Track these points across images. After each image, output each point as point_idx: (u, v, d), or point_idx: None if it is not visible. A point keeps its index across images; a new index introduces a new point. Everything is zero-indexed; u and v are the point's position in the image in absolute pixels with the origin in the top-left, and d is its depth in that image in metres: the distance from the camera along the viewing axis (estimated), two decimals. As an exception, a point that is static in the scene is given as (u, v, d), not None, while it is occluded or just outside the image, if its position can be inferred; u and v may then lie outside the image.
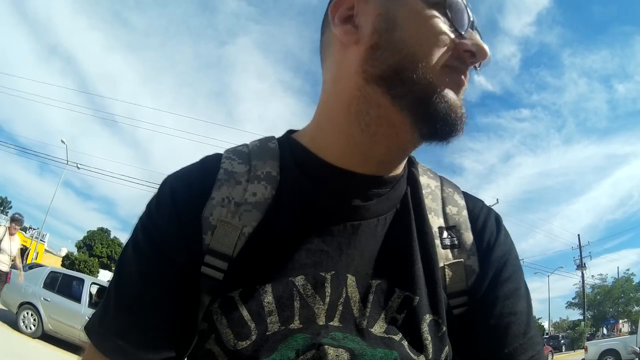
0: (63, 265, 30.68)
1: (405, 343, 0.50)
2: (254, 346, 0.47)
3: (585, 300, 33.61)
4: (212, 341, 0.49)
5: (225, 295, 0.49)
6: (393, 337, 0.50)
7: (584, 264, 34.28)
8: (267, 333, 0.47)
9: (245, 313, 0.48)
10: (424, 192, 0.60)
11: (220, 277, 0.50)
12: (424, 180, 0.62)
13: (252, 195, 0.53)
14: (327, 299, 0.50)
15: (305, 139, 0.59)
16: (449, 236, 0.58)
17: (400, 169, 0.59)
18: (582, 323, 32.27)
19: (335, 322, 0.49)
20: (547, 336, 31.86)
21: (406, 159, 0.60)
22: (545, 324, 41.19)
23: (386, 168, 0.57)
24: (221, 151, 0.60)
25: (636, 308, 34.08)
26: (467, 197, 0.63)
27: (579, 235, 35.66)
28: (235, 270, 0.50)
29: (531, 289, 0.60)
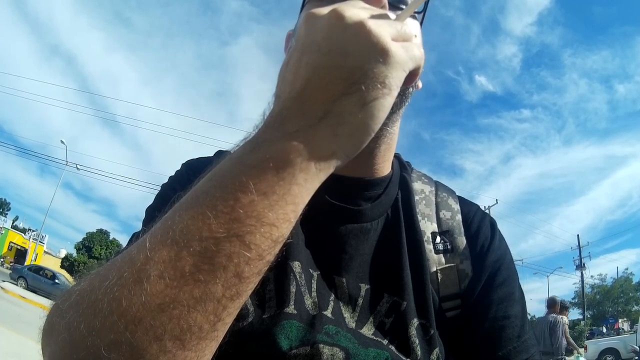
0: (62, 267, 30.59)
1: (392, 347, 0.50)
2: (250, 327, 0.48)
3: (585, 300, 33.62)
4: None
5: None
6: (380, 340, 0.51)
7: (584, 264, 34.25)
8: (264, 316, 0.49)
9: (247, 299, 0.50)
10: (417, 197, 0.61)
11: None
12: (417, 185, 0.63)
13: None
14: (315, 293, 0.52)
15: None
16: (442, 241, 0.59)
17: (385, 170, 0.60)
18: (582, 322, 32.27)
19: (328, 313, 0.51)
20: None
21: (389, 158, 0.60)
22: (545, 324, 41.07)
23: (364, 164, 0.57)
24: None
25: (635, 307, 34.10)
26: (462, 201, 0.64)
27: (578, 235, 35.55)
28: None
29: (531, 289, 0.61)
